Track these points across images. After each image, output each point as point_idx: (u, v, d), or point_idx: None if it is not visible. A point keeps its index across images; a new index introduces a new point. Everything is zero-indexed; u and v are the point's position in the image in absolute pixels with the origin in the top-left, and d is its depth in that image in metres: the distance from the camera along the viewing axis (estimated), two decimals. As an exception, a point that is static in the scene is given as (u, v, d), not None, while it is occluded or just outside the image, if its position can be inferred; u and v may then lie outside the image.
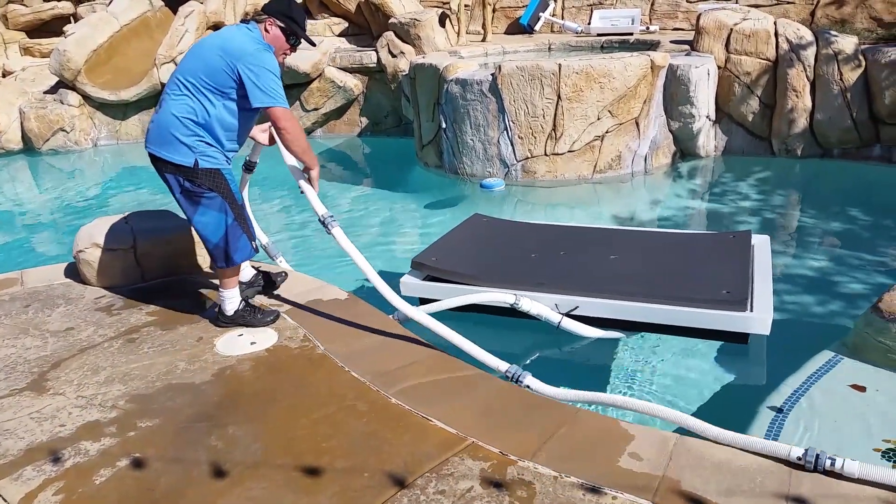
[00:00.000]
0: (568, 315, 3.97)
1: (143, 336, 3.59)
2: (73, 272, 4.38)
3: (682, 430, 3.12)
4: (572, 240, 4.77)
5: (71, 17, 12.56)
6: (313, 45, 3.68)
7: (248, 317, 3.62)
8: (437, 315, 3.77)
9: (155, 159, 3.42)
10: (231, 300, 3.61)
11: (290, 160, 3.68)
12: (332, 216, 3.61)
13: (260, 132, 3.88)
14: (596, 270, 4.28)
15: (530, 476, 2.40)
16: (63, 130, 10.88)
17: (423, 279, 4.35)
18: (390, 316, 3.78)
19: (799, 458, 2.38)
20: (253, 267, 4.04)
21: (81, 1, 12.60)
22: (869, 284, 4.82)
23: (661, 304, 3.84)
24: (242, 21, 3.52)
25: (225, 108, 3.34)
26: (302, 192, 3.68)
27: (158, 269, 4.27)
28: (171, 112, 3.31)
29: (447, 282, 4.25)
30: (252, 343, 3.44)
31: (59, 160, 10.64)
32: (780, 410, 3.21)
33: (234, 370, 3.22)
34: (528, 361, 4.03)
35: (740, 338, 3.87)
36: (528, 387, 3.08)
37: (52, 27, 12.53)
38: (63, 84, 10.95)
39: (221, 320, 3.64)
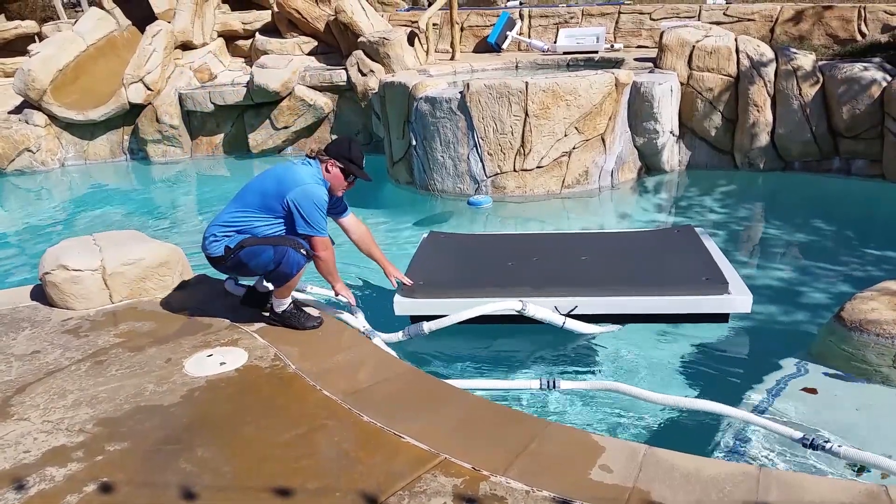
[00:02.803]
0: (569, 315, 4.12)
1: (111, 358, 3.54)
2: (40, 294, 4.31)
3: (652, 441, 3.17)
4: (536, 247, 4.91)
5: (35, 37, 12.38)
6: (369, 180, 3.96)
7: (293, 319, 3.84)
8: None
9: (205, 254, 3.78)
10: (281, 305, 3.84)
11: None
12: (372, 329, 4.09)
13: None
14: (577, 272, 4.42)
15: (503, 491, 2.41)
16: (29, 151, 10.70)
17: (414, 296, 4.34)
18: (400, 333, 4.10)
19: (799, 440, 2.93)
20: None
21: (46, 20, 12.45)
22: (831, 294, 4.93)
23: (654, 296, 4.10)
24: (307, 156, 3.84)
25: (267, 225, 3.68)
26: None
27: (126, 290, 4.23)
28: (221, 218, 3.72)
29: (439, 297, 4.27)
30: (222, 363, 3.41)
31: (24, 181, 10.46)
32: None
33: (204, 391, 3.19)
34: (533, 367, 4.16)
35: (723, 318, 4.28)
36: (563, 390, 3.49)
37: (15, 46, 12.34)
38: (28, 104, 10.78)
39: (270, 316, 3.91)
